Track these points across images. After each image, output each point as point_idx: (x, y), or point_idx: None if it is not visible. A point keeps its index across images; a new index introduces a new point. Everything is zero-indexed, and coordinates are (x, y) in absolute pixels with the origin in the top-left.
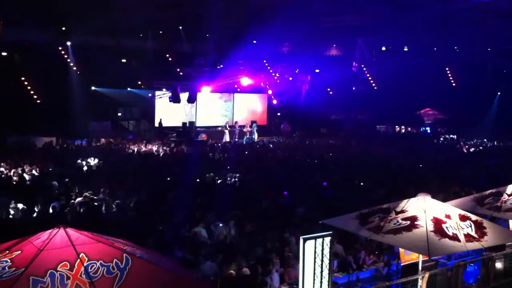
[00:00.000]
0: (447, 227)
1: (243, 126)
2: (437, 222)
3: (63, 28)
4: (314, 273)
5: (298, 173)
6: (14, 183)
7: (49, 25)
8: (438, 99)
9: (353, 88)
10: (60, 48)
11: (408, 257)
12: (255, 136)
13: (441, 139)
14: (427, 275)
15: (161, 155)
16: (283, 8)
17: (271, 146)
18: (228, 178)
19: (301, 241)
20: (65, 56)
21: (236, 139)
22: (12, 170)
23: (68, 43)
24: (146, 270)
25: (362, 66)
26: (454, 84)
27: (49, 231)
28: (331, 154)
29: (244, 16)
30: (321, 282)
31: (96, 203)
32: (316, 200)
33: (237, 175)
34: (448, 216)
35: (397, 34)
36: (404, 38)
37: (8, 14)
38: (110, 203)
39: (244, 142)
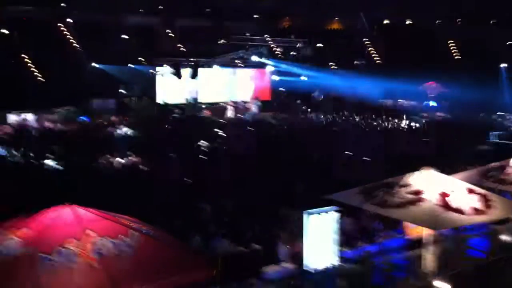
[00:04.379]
0: (452, 200)
1: (246, 102)
2: (442, 196)
3: (62, 4)
4: (320, 248)
5: (300, 148)
6: None
7: (49, 2)
8: (442, 73)
9: (356, 63)
10: (60, 25)
11: (413, 231)
12: (257, 111)
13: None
14: (432, 248)
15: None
16: None
17: (274, 121)
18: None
19: (305, 216)
20: (65, 33)
21: (239, 115)
22: None
23: (69, 20)
24: (152, 246)
25: (364, 40)
26: (458, 57)
27: (56, 208)
28: (334, 129)
29: None
30: (328, 257)
31: None
32: (319, 176)
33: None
34: (453, 190)
35: (399, 7)
36: (406, 12)
37: None
38: None
39: (247, 118)
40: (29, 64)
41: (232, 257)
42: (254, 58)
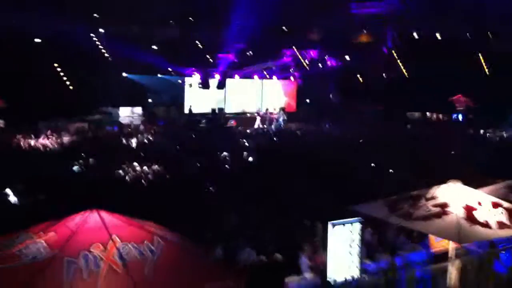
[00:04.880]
0: (478, 214)
1: (272, 113)
2: (468, 209)
3: (95, 15)
4: (344, 260)
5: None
6: None
7: (82, 13)
8: (469, 86)
9: (383, 75)
10: (92, 35)
11: (438, 244)
12: (282, 122)
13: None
14: (457, 262)
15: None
16: None
17: (299, 133)
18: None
19: (330, 226)
20: (97, 43)
21: (266, 126)
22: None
23: (101, 30)
24: (177, 254)
25: (393, 52)
26: (487, 72)
27: (83, 213)
28: (361, 141)
29: (273, 3)
30: (350, 269)
31: None
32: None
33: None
34: (479, 203)
35: (428, 21)
36: (435, 25)
37: (42, 3)
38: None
39: (273, 129)
40: (61, 74)
41: (256, 268)
42: (281, 69)
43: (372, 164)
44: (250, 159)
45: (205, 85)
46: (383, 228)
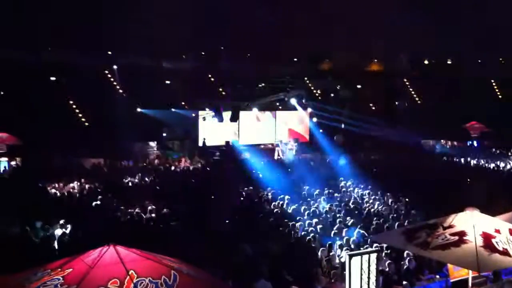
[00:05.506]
0: (497, 242)
1: (286, 144)
2: (487, 237)
3: (109, 52)
4: None
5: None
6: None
7: (96, 49)
8: (483, 112)
9: (396, 103)
10: (106, 71)
11: (457, 273)
12: (294, 153)
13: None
14: None
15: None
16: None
17: (312, 163)
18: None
19: (347, 257)
20: (111, 79)
21: (280, 157)
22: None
23: (114, 67)
24: (193, 286)
25: (405, 80)
26: (500, 96)
27: (99, 248)
28: (375, 169)
29: (283, 33)
30: None
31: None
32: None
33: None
34: (497, 231)
35: (440, 47)
36: (447, 51)
37: (56, 39)
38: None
39: (287, 160)
40: (76, 110)
41: None
42: (294, 100)
43: None
44: None
45: (218, 118)
46: (402, 257)
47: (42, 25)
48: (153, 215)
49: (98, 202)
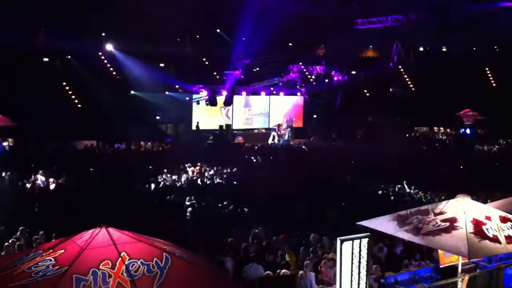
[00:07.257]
0: (487, 229)
1: (279, 128)
2: (477, 224)
3: (103, 35)
4: (352, 275)
5: (331, 177)
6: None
7: (90, 32)
8: (477, 100)
9: (390, 90)
10: (100, 54)
11: (447, 259)
12: (288, 138)
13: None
14: (466, 277)
15: None
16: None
17: (305, 149)
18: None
19: (338, 242)
20: (105, 62)
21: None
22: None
23: (108, 49)
24: (185, 270)
25: (400, 67)
26: (494, 85)
27: (92, 230)
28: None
29: (278, 19)
30: (358, 284)
31: None
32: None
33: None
34: (488, 218)
35: (435, 35)
36: (442, 39)
37: (49, 22)
38: None
39: (280, 145)
40: (69, 92)
41: (264, 283)
42: (288, 85)
43: None
44: None
45: (212, 102)
46: (392, 243)
47: (35, 8)
48: None
49: None
